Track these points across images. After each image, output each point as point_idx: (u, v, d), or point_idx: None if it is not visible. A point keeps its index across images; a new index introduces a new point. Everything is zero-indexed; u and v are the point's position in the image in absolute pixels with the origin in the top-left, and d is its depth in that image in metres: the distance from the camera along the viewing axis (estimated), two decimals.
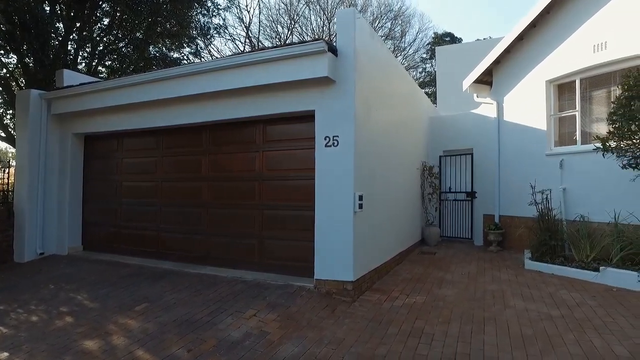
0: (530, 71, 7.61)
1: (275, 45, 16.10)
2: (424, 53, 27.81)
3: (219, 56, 20.10)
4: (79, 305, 4.75)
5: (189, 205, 6.44)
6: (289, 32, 23.12)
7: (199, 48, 15.02)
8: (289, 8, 23.00)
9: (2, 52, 10.63)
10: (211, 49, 20.27)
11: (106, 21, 12.12)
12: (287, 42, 19.82)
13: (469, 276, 5.92)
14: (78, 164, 7.54)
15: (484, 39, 18.46)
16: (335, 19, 18.39)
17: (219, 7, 14.45)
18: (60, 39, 10.66)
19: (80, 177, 7.57)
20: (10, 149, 13.07)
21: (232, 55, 6.84)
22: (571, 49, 6.82)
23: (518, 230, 7.62)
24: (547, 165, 7.14)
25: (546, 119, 7.29)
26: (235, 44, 22.45)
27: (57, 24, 10.69)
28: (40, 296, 5.15)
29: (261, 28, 23.18)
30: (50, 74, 9.21)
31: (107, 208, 7.33)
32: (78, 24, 11.04)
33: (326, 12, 22.89)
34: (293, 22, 23.19)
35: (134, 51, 12.36)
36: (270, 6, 32.51)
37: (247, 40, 22.47)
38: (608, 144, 5.28)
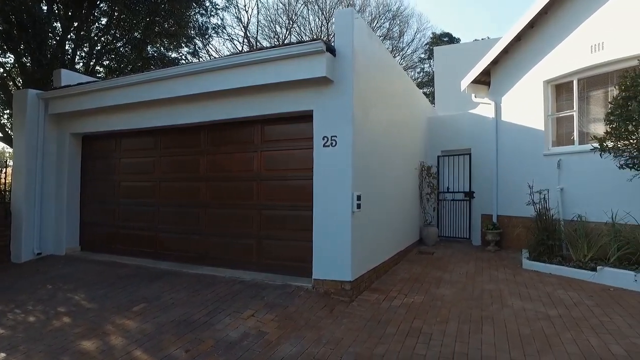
0: (528, 71, 7.63)
1: (273, 45, 16.09)
2: (422, 53, 27.90)
3: (217, 56, 20.10)
4: (76, 306, 4.74)
5: (187, 206, 6.43)
6: (287, 32, 23.13)
7: (197, 48, 15.05)
8: (287, 8, 23.02)
9: (0, 51, 10.61)
10: (209, 49, 20.31)
11: (104, 21, 12.11)
12: (285, 42, 19.80)
13: (467, 276, 5.93)
14: (76, 164, 7.52)
15: (482, 39, 18.53)
16: (333, 19, 18.39)
17: (217, 6, 14.46)
18: (58, 38, 10.64)
19: (78, 177, 7.54)
20: (7, 149, 13.02)
21: (230, 55, 6.84)
22: (569, 50, 6.84)
23: (516, 230, 7.64)
24: (545, 165, 7.16)
25: (544, 119, 7.31)
26: (234, 43, 22.47)
27: (54, 23, 10.67)
28: (37, 297, 5.13)
29: (259, 28, 23.18)
30: (47, 73, 9.19)
31: (105, 208, 7.32)
32: (76, 24, 11.02)
33: (324, 12, 22.91)
34: (291, 22, 23.20)
35: (131, 51, 12.34)
36: (268, 6, 32.51)
37: (246, 40, 22.47)
38: (605, 144, 5.31)
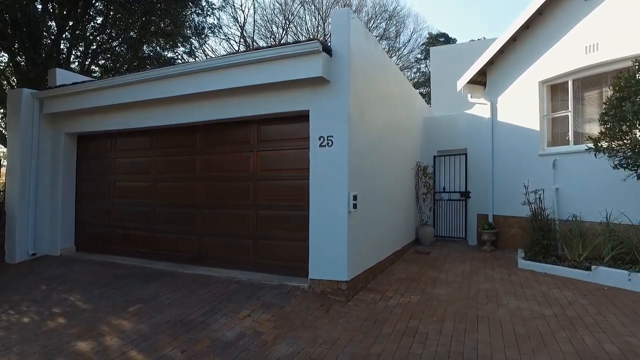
0: (524, 72, 7.67)
1: (269, 45, 16.09)
2: (418, 53, 27.93)
3: (213, 56, 20.04)
4: (71, 306, 4.71)
5: (183, 205, 6.41)
6: (284, 32, 23.10)
7: (193, 47, 14.98)
8: (283, 8, 22.99)
9: None
10: (205, 49, 20.24)
11: (99, 20, 12.04)
12: (281, 42, 19.80)
13: (462, 275, 5.95)
14: (71, 164, 7.47)
15: (478, 39, 18.56)
16: (330, 19, 18.38)
17: (213, 6, 14.41)
18: (53, 37, 10.56)
19: (73, 177, 7.49)
20: (1, 149, 12.92)
21: (226, 55, 6.83)
22: (564, 50, 6.89)
23: (511, 230, 7.68)
24: (540, 165, 7.20)
25: (539, 119, 7.36)
26: (230, 43, 22.43)
27: (49, 22, 10.60)
28: (32, 297, 5.09)
29: (256, 28, 23.17)
30: (42, 73, 9.13)
31: (101, 208, 7.27)
32: (71, 23, 10.95)
33: (321, 12, 22.91)
34: (288, 22, 23.17)
35: (127, 50, 12.28)
36: (265, 6, 32.45)
37: (242, 40, 22.44)
38: (600, 144, 5.35)
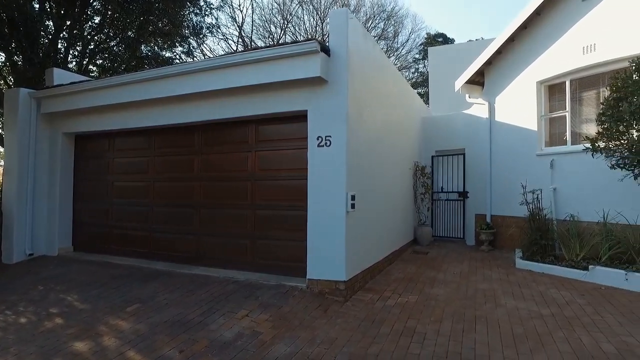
0: (522, 72, 7.69)
1: (268, 45, 16.10)
2: (416, 53, 27.98)
3: (211, 56, 20.01)
4: (69, 307, 4.70)
5: (181, 205, 6.40)
6: (282, 32, 23.09)
7: (191, 47, 14.96)
8: (282, 8, 22.97)
9: None
10: (204, 49, 20.23)
11: (97, 19, 12.01)
12: (280, 42, 19.79)
13: (460, 275, 5.96)
14: (68, 164, 7.44)
15: (476, 39, 18.63)
16: (328, 19, 18.41)
17: (211, 6, 14.39)
18: (50, 37, 10.53)
19: (71, 177, 7.47)
20: None
21: (224, 55, 6.82)
22: (561, 51, 6.91)
23: (509, 230, 7.69)
24: (538, 165, 7.22)
25: (537, 119, 7.37)
26: (228, 43, 22.39)
27: (46, 21, 10.56)
28: (29, 297, 5.07)
29: (254, 27, 23.13)
30: (39, 72, 9.09)
31: (99, 208, 7.25)
32: (68, 22, 10.91)
33: (319, 12, 22.90)
34: (286, 22, 23.15)
35: (125, 50, 12.26)
36: (263, 6, 32.42)
37: (240, 40, 22.39)
38: (597, 145, 5.37)
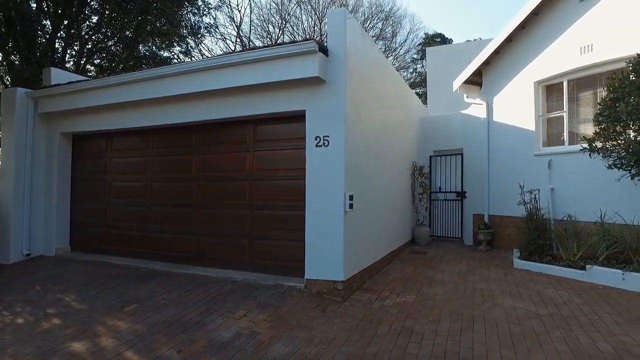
0: (519, 72, 7.71)
1: (266, 45, 16.07)
2: (414, 53, 28.05)
3: (209, 55, 19.99)
4: (66, 307, 4.68)
5: (179, 205, 6.38)
6: (280, 32, 23.10)
7: (189, 47, 14.98)
8: (280, 8, 22.99)
9: None
10: (202, 48, 20.24)
11: (95, 19, 12.00)
12: (278, 42, 19.78)
13: (458, 275, 5.97)
14: (66, 164, 7.42)
15: (474, 40, 18.65)
16: (326, 19, 18.43)
17: (209, 6, 14.40)
18: (48, 36, 10.50)
19: (69, 177, 7.45)
20: None
21: (222, 55, 6.82)
22: (559, 51, 6.93)
23: (507, 230, 7.71)
24: (536, 165, 7.24)
25: (535, 119, 7.39)
26: (226, 43, 22.39)
27: (44, 21, 10.54)
28: (26, 298, 5.06)
29: (252, 27, 23.13)
30: (37, 72, 9.07)
31: (96, 208, 7.23)
32: (66, 22, 10.89)
33: (317, 12, 22.93)
34: (284, 22, 23.17)
35: (123, 50, 12.24)
36: (261, 5, 32.49)
37: (238, 40, 22.39)
38: (594, 145, 5.38)
